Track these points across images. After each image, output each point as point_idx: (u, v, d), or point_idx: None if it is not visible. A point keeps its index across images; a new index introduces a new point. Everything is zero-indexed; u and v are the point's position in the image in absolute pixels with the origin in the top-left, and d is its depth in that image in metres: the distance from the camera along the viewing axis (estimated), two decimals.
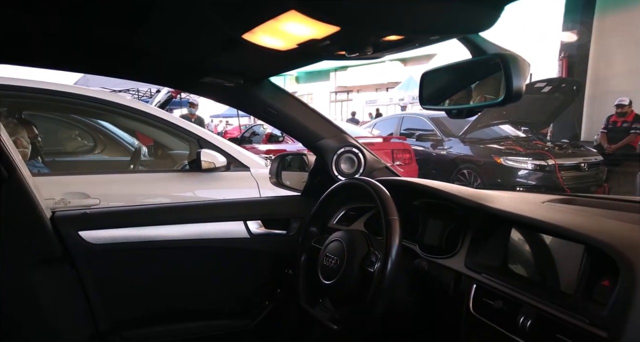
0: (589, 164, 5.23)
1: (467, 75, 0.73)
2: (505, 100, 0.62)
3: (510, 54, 0.61)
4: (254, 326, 1.35)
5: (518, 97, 0.61)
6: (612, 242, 0.64)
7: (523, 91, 0.61)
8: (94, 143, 3.87)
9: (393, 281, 0.83)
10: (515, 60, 0.60)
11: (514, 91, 0.60)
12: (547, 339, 0.67)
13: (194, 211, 1.36)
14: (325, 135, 1.29)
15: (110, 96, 2.54)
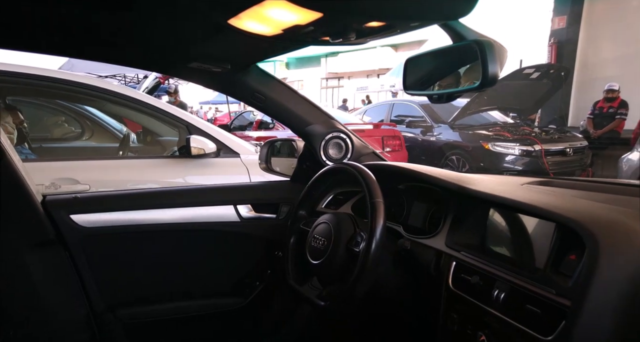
0: (574, 149, 5.33)
1: (448, 61, 0.75)
2: (481, 86, 0.65)
3: (486, 41, 0.63)
4: (245, 305, 1.38)
5: (493, 82, 0.64)
6: (579, 219, 0.68)
7: (498, 76, 0.64)
8: (82, 129, 3.84)
9: (377, 260, 0.87)
10: (491, 46, 0.63)
11: (489, 76, 0.63)
12: (518, 309, 0.72)
13: (185, 195, 1.38)
14: (313, 121, 1.31)
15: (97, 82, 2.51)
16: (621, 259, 0.62)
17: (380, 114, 7.08)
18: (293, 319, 1.44)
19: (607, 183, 1.08)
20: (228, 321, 1.40)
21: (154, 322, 1.33)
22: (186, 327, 1.37)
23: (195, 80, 1.16)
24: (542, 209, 0.75)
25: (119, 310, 1.28)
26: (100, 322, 1.26)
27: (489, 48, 0.63)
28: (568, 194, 0.93)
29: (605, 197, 0.93)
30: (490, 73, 0.63)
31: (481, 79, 0.64)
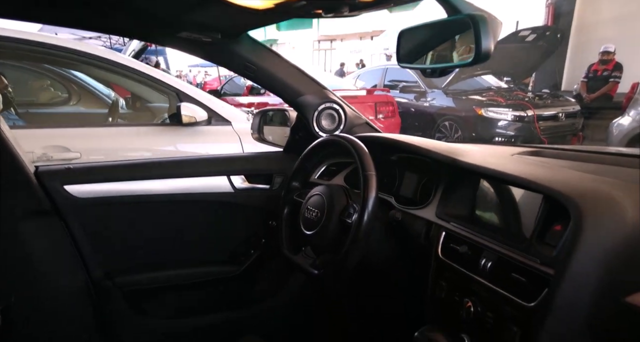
0: (567, 114, 5.35)
1: (441, 34, 0.74)
2: (474, 61, 0.65)
3: (480, 15, 0.62)
4: (240, 272, 1.42)
5: (487, 57, 0.63)
6: (565, 191, 0.70)
7: (491, 52, 0.63)
8: (68, 94, 3.75)
9: (369, 231, 0.89)
10: (485, 21, 0.62)
11: (482, 52, 0.62)
12: (503, 277, 0.75)
13: (179, 166, 1.38)
14: (305, 91, 1.29)
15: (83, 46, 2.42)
16: (604, 230, 0.65)
17: (374, 78, 6.98)
18: (287, 286, 1.49)
19: (595, 152, 1.10)
20: (224, 288, 1.45)
21: (152, 290, 1.36)
22: (183, 294, 1.41)
23: (185, 50, 1.13)
24: (530, 181, 0.77)
25: (117, 278, 1.31)
26: (99, 289, 1.29)
27: (483, 23, 0.62)
28: (556, 165, 0.94)
29: (593, 167, 0.94)
30: (483, 48, 0.62)
31: (474, 54, 0.64)
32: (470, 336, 0.81)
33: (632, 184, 0.76)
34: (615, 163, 0.96)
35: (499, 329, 0.74)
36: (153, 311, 1.38)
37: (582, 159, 1.01)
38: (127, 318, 1.32)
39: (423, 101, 6.07)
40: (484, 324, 0.77)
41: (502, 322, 0.74)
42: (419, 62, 0.80)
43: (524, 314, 0.69)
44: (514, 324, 0.71)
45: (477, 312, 0.79)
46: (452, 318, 0.85)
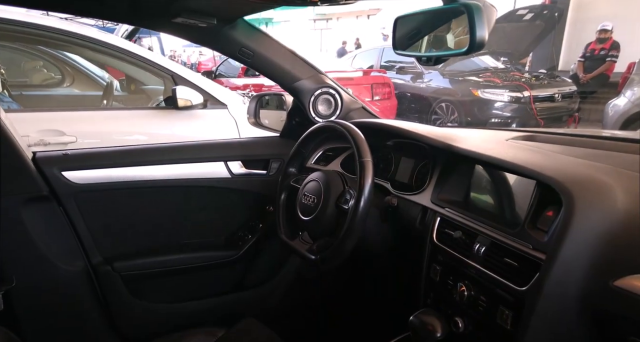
0: (563, 95, 5.34)
1: (437, 22, 0.74)
2: (469, 50, 0.65)
3: (475, 4, 0.62)
4: (238, 257, 1.44)
5: (481, 46, 0.64)
6: (557, 177, 0.71)
7: (486, 41, 0.63)
8: (62, 76, 3.70)
9: (365, 216, 0.90)
10: (480, 10, 0.62)
11: (477, 40, 0.63)
12: (496, 262, 0.77)
13: (176, 151, 1.38)
14: (302, 76, 1.28)
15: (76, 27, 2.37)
16: (595, 216, 0.66)
17: (370, 59, 6.90)
18: (284, 270, 1.51)
19: (588, 137, 1.11)
20: (222, 272, 1.47)
21: (151, 274, 1.38)
22: (182, 278, 1.43)
23: (181, 35, 1.12)
24: (523, 167, 0.78)
25: (116, 263, 1.32)
26: (99, 274, 1.31)
27: (477, 12, 0.62)
28: (550, 150, 0.96)
29: (586, 152, 0.96)
30: (477, 37, 0.62)
31: (469, 43, 0.64)
32: (464, 319, 0.83)
33: (624, 169, 0.78)
34: (607, 148, 0.97)
35: (492, 312, 0.76)
36: (152, 295, 1.40)
37: (575, 143, 1.02)
38: (126, 302, 1.34)
39: (420, 82, 6.03)
40: (477, 308, 0.80)
41: (494, 305, 0.76)
42: (414, 50, 0.80)
43: (516, 297, 0.72)
44: (506, 308, 0.74)
45: (470, 296, 0.82)
46: (447, 302, 0.88)
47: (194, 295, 1.44)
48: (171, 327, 1.26)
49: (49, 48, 3.41)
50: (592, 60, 6.01)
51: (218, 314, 1.45)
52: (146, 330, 1.33)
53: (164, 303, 1.41)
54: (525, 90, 5.13)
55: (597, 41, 5.95)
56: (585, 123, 5.54)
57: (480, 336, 0.79)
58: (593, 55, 6.01)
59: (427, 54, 0.77)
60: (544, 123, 5.20)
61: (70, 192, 1.26)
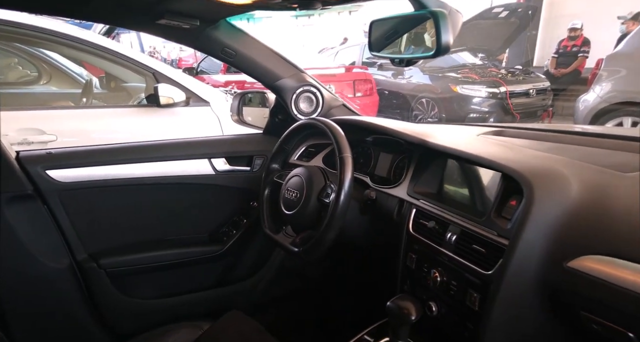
0: (537, 90, 5.52)
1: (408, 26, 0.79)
2: (435, 54, 0.71)
3: (440, 12, 0.67)
4: (223, 252, 1.47)
5: (446, 50, 0.69)
6: (520, 169, 0.78)
7: (451, 45, 0.69)
8: (38, 73, 3.63)
9: (345, 209, 0.95)
10: (445, 17, 0.67)
11: (442, 45, 0.68)
12: (466, 249, 0.83)
13: (160, 149, 1.40)
14: (283, 74, 1.32)
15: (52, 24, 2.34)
16: (551, 204, 0.73)
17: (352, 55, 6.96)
18: (268, 264, 1.55)
19: (552, 131, 1.19)
20: (207, 266, 1.49)
21: (136, 270, 1.39)
22: (168, 273, 1.45)
23: (164, 36, 1.14)
24: (490, 161, 0.84)
25: (101, 259, 1.33)
26: (84, 270, 1.32)
27: (443, 19, 0.67)
28: (515, 145, 1.03)
29: (548, 146, 1.03)
30: (443, 42, 0.68)
31: (435, 47, 0.70)
32: (437, 303, 0.89)
33: (579, 161, 0.85)
34: (567, 141, 1.05)
35: (462, 295, 0.83)
36: (138, 290, 1.42)
37: (539, 138, 1.09)
38: (113, 298, 1.36)
39: (400, 78, 6.12)
40: (448, 292, 0.86)
41: (464, 289, 0.82)
42: (388, 52, 0.85)
43: (483, 281, 0.78)
44: (474, 290, 0.80)
45: (442, 281, 0.88)
46: (421, 287, 0.94)
47: (180, 290, 1.46)
48: (158, 321, 1.28)
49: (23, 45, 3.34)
50: (564, 56, 6.22)
51: (204, 307, 1.48)
52: (133, 324, 1.35)
53: (150, 298, 1.43)
54: (502, 86, 5.28)
55: (568, 38, 6.16)
56: (559, 117, 5.73)
57: (451, 317, 0.85)
58: (566, 52, 6.21)
59: (399, 56, 0.83)
60: (519, 117, 5.36)
61: (55, 190, 1.27)
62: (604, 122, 4.03)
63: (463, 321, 0.82)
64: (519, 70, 6.03)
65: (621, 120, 3.96)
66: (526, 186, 0.75)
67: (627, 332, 0.61)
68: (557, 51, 6.30)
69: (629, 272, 0.61)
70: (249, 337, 1.13)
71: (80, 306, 1.33)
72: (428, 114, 5.81)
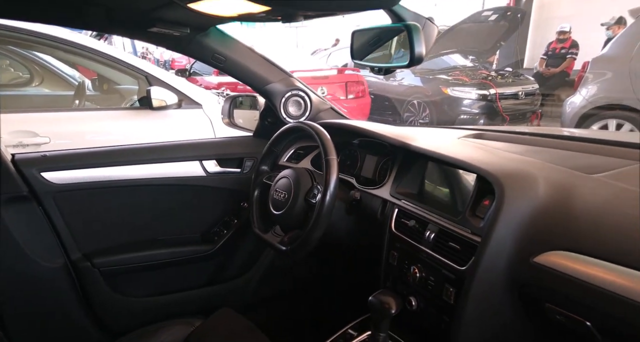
0: (526, 93, 5.61)
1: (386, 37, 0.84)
2: (409, 64, 0.75)
3: (414, 25, 0.72)
4: (214, 251, 1.51)
5: (420, 61, 0.74)
6: (493, 171, 0.83)
7: (424, 56, 0.74)
8: (30, 75, 3.64)
9: (331, 209, 0.99)
10: (418, 30, 0.72)
11: (415, 56, 0.73)
12: (443, 246, 0.88)
13: (152, 152, 1.44)
14: (272, 79, 1.36)
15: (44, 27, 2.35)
16: (520, 204, 0.78)
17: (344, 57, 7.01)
18: (258, 262, 1.59)
19: (527, 134, 1.24)
20: (199, 265, 1.53)
21: (129, 269, 1.43)
22: (161, 272, 1.48)
23: (156, 43, 1.18)
24: (466, 163, 0.89)
25: (95, 259, 1.36)
26: (78, 269, 1.35)
27: (416, 32, 0.72)
28: (492, 147, 1.08)
29: (523, 148, 1.08)
30: (416, 53, 0.73)
31: (409, 58, 0.74)
32: (417, 297, 0.94)
33: (549, 163, 0.90)
34: (541, 144, 1.10)
35: (439, 289, 0.87)
36: (131, 289, 1.45)
37: (516, 140, 1.15)
38: (106, 296, 1.39)
39: (392, 81, 6.18)
40: (427, 287, 0.91)
41: (441, 284, 0.87)
42: (368, 60, 0.90)
43: (458, 276, 0.83)
44: (450, 285, 0.85)
45: (422, 277, 0.92)
46: (402, 283, 0.99)
47: (173, 288, 1.50)
48: (151, 319, 1.31)
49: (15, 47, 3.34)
50: (553, 58, 6.34)
51: (196, 305, 1.51)
52: (127, 322, 1.38)
53: (144, 296, 1.46)
54: (492, 89, 5.36)
55: (557, 41, 6.28)
56: (548, 119, 5.83)
57: (429, 311, 0.90)
58: (554, 54, 6.34)
59: (377, 64, 0.88)
60: (509, 119, 5.45)
61: (49, 192, 1.30)
62: (589, 125, 4.11)
63: (440, 314, 0.87)
64: (508, 73, 6.12)
65: (606, 122, 4.05)
66: (498, 186, 0.80)
67: (585, 322, 0.66)
68: (547, 53, 6.42)
69: (588, 266, 0.66)
70: (239, 333, 1.17)
71: (74, 304, 1.36)
72: (419, 115, 5.88)
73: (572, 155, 0.99)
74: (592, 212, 0.73)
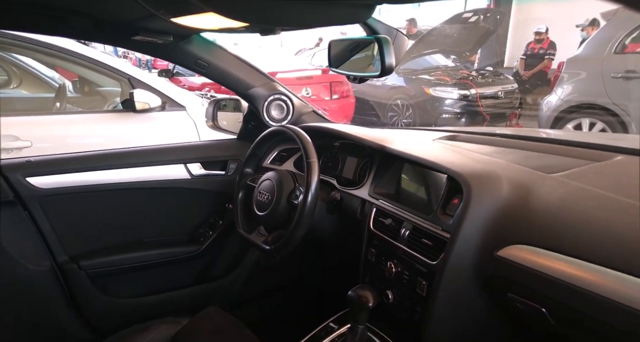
0: (505, 92, 5.76)
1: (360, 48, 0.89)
2: (380, 74, 0.81)
3: (384, 38, 0.78)
4: (200, 252, 1.54)
5: (390, 71, 0.79)
6: (462, 171, 0.89)
7: (393, 67, 0.79)
8: (8, 76, 3.58)
9: (312, 210, 1.04)
10: (388, 42, 0.77)
11: (386, 66, 0.78)
12: (417, 242, 0.94)
13: (137, 155, 1.46)
14: (255, 84, 1.40)
15: None
16: (485, 202, 0.84)
17: None
18: (243, 262, 1.63)
19: (497, 135, 1.31)
20: (185, 266, 1.56)
21: (116, 271, 1.45)
22: (148, 273, 1.50)
23: (139, 50, 1.21)
24: (438, 164, 0.95)
25: (82, 261, 1.38)
26: (65, 272, 1.37)
27: (386, 44, 0.77)
28: (464, 149, 1.14)
29: (492, 149, 1.15)
30: (386, 64, 0.78)
31: (380, 68, 0.80)
32: (393, 291, 1.00)
33: (514, 164, 0.97)
34: (509, 145, 1.17)
35: (413, 283, 0.93)
36: (119, 290, 1.47)
37: (486, 142, 1.22)
38: (94, 298, 1.41)
39: (376, 81, 6.26)
40: (402, 281, 0.97)
41: (415, 277, 0.93)
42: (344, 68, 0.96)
43: (430, 270, 0.88)
44: (422, 279, 0.90)
45: (397, 272, 0.98)
46: (379, 278, 1.04)
47: (160, 288, 1.53)
48: (139, 318, 1.34)
49: None
50: (532, 58, 6.53)
51: (183, 305, 1.54)
52: (115, 322, 1.41)
53: (131, 297, 1.49)
54: (472, 89, 5.48)
55: (535, 41, 6.46)
56: (527, 118, 5.98)
57: (404, 303, 0.96)
58: (533, 54, 6.52)
59: (352, 73, 0.93)
60: (489, 118, 5.58)
61: (35, 196, 1.32)
62: (564, 124, 4.24)
63: (414, 306, 0.93)
64: (489, 72, 6.26)
65: (580, 121, 4.19)
66: (465, 186, 0.86)
67: (541, 309, 0.72)
68: (525, 53, 6.60)
69: (545, 259, 0.72)
70: (225, 330, 1.21)
71: (62, 306, 1.38)
72: (403, 115, 5.98)
73: (534, 156, 1.06)
74: (549, 209, 0.79)
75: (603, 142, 1.10)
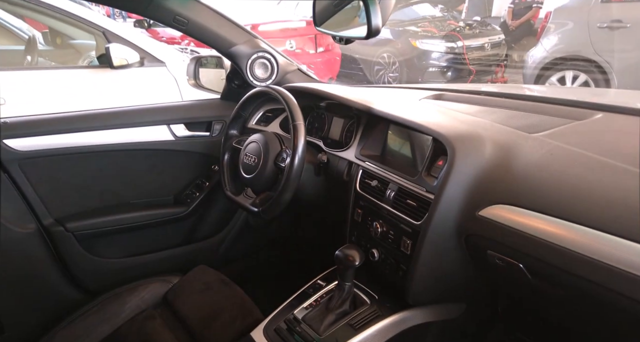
0: (492, 44, 5.67)
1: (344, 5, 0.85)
2: (367, 36, 0.78)
3: None
4: (187, 213, 1.55)
5: (377, 33, 0.77)
6: (446, 133, 0.89)
7: (380, 29, 0.77)
8: None
9: (299, 172, 1.04)
10: (375, 3, 0.74)
11: (373, 28, 0.76)
12: (401, 203, 0.96)
13: (119, 116, 1.42)
14: (237, 41, 1.35)
15: None
16: (468, 163, 0.85)
17: None
18: (231, 223, 1.65)
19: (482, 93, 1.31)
20: (173, 227, 1.57)
21: (104, 232, 1.45)
22: (135, 234, 1.51)
23: (114, 6, 1.14)
24: (422, 126, 0.95)
25: (68, 223, 1.37)
26: (52, 234, 1.36)
27: (372, 4, 0.74)
28: (449, 109, 1.14)
29: (476, 109, 1.15)
30: (373, 26, 0.76)
31: (367, 29, 0.77)
32: (378, 249, 1.04)
33: (497, 124, 0.98)
34: (493, 104, 1.18)
35: (398, 242, 0.97)
36: (107, 251, 1.48)
37: (471, 101, 1.22)
38: (83, 258, 1.42)
39: None
40: (387, 240, 1.00)
41: (399, 237, 0.96)
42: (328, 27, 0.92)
43: (414, 229, 0.92)
44: (407, 238, 0.94)
45: (383, 231, 1.01)
46: (365, 237, 1.08)
47: (149, 249, 1.54)
48: (129, 278, 1.36)
49: None
50: (520, 7, 6.38)
51: (172, 264, 1.57)
52: (105, 282, 1.42)
53: (120, 258, 1.50)
54: (459, 41, 5.38)
55: None
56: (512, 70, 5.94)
57: (389, 261, 1.00)
58: (521, 2, 6.36)
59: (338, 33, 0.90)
60: (475, 71, 5.53)
61: (14, 159, 1.28)
62: (549, 76, 4.23)
63: (398, 264, 0.97)
64: (476, 23, 6.12)
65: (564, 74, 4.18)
66: (449, 147, 0.87)
67: (519, 264, 0.77)
68: (513, 2, 6.44)
69: (524, 217, 0.76)
70: (215, 287, 1.26)
71: (51, 267, 1.38)
72: (389, 68, 5.87)
73: (518, 115, 1.07)
74: (530, 169, 0.82)
75: (585, 99, 1.11)
